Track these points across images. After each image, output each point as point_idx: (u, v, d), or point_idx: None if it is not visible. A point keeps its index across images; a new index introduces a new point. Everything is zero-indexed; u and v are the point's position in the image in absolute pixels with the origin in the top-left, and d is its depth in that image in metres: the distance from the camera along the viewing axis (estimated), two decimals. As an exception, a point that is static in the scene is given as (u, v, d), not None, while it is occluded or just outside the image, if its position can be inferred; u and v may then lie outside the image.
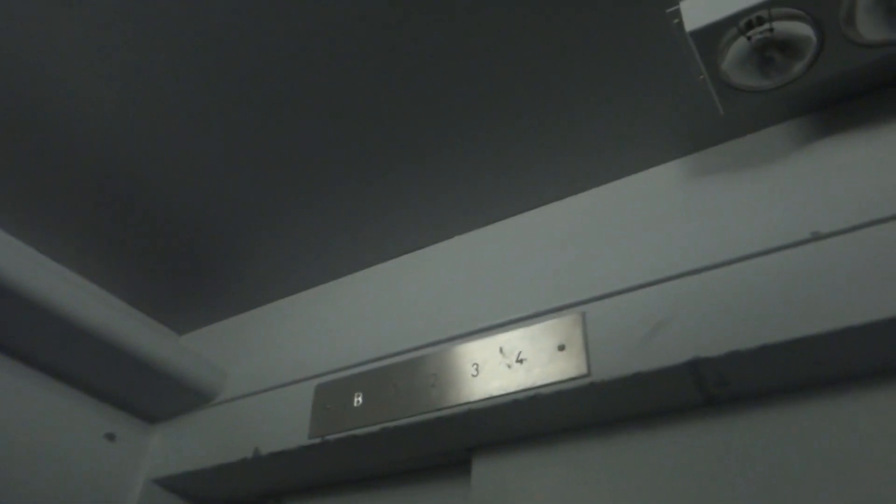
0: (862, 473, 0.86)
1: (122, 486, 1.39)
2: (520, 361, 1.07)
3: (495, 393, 1.06)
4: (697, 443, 0.99)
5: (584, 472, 1.05)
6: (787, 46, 0.86)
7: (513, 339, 1.10)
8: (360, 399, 1.20)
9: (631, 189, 1.16)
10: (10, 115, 1.10)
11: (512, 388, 1.05)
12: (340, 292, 1.43)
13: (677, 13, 0.87)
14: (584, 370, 1.00)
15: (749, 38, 0.84)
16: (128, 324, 1.33)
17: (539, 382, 1.03)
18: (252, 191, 1.25)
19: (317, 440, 1.21)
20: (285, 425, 1.27)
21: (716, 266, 0.98)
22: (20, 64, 1.02)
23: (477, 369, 1.10)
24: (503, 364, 1.08)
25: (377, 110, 1.09)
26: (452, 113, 1.09)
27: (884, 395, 0.90)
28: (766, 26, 0.83)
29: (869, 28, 0.83)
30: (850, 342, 0.87)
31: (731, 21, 0.83)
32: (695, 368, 0.94)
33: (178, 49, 1.01)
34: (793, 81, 0.89)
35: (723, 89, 0.92)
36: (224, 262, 1.43)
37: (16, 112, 1.10)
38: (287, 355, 1.40)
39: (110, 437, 1.39)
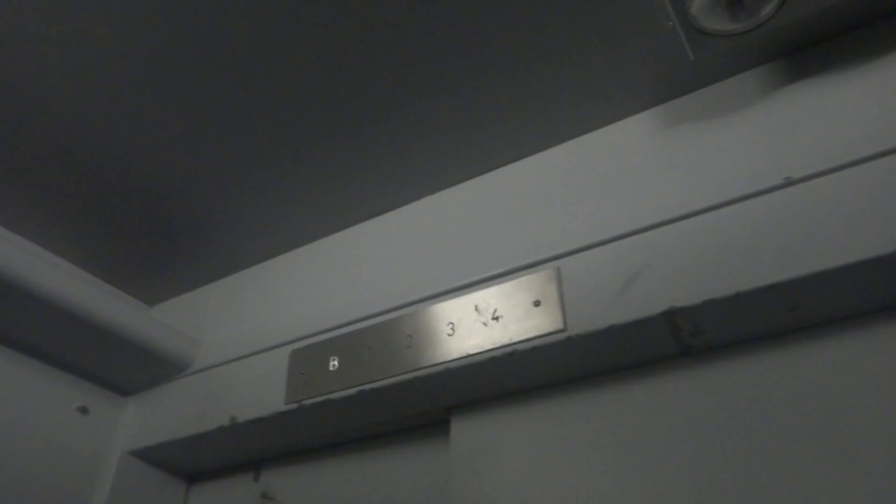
0: (838, 418, 0.87)
1: (98, 459, 1.36)
2: (495, 319, 1.06)
3: (472, 351, 1.05)
4: (674, 394, 0.99)
5: (562, 427, 1.05)
6: (757, -13, 0.85)
7: (488, 296, 1.09)
8: (335, 363, 1.19)
9: (602, 142, 1.15)
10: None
11: (488, 346, 1.04)
12: (312, 257, 1.41)
13: (645, -44, 0.85)
14: (560, 325, 0.99)
15: (718, -21, 0.83)
16: (97, 296, 1.30)
17: (515, 339, 1.02)
18: (219, 157, 1.22)
19: (293, 406, 1.20)
20: (261, 392, 1.26)
21: (689, 215, 0.97)
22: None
23: (452, 328, 1.09)
24: (479, 322, 1.07)
25: (345, 69, 1.06)
26: (420, 70, 1.06)
27: (859, 340, 0.91)
28: (736, -34, 0.81)
29: (839, -34, 0.81)
30: (823, 287, 0.87)
31: (700, -38, 0.82)
32: (670, 318, 0.93)
33: (131, 6, 0.96)
34: (763, 23, 0.87)
35: (692, 34, 0.90)
36: (194, 230, 1.40)
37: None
38: (260, 322, 1.38)
39: (83, 410, 1.37)
